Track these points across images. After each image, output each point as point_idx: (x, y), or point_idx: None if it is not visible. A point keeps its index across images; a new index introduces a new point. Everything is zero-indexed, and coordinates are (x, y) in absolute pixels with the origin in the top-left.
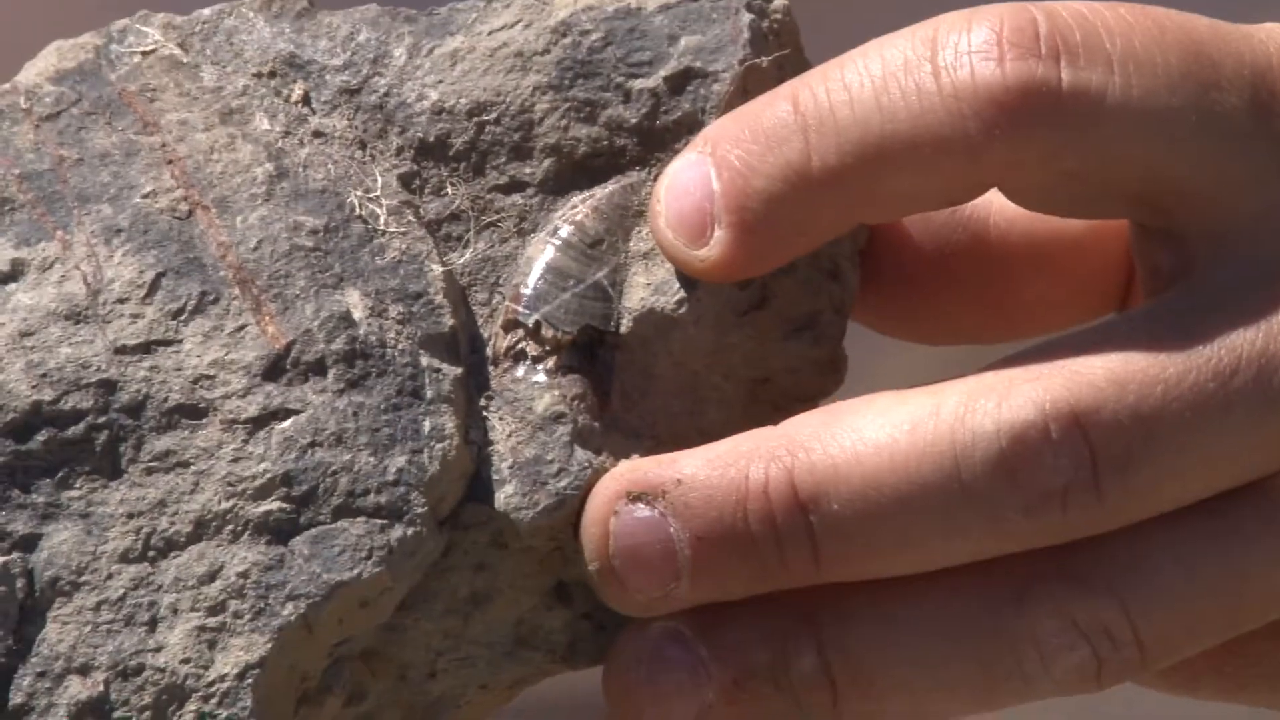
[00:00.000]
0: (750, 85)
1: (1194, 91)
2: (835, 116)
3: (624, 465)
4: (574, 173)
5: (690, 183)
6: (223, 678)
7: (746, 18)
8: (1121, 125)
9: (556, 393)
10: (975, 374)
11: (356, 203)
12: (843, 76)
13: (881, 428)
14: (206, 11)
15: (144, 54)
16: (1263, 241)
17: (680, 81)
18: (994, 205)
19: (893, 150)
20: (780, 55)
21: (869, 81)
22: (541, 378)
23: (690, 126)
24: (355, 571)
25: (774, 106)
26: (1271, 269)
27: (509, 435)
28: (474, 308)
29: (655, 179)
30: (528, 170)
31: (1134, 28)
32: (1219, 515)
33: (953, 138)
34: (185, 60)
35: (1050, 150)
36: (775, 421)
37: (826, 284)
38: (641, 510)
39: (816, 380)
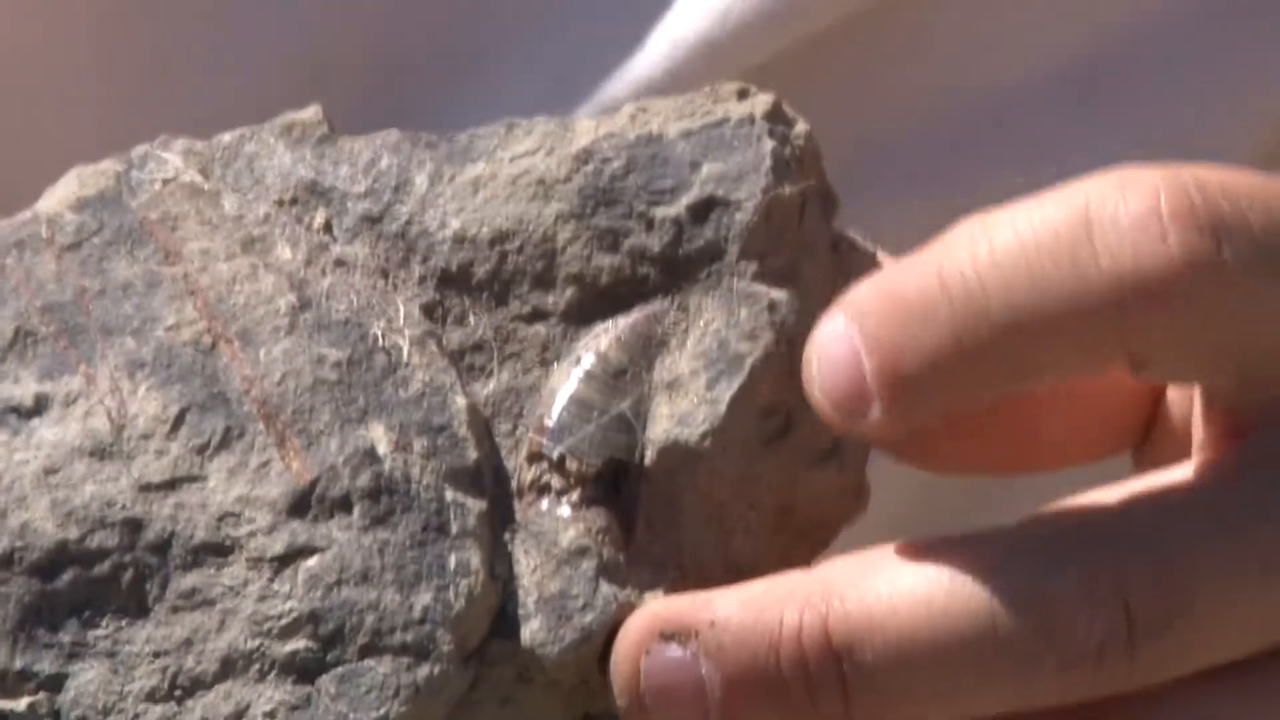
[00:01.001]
0: (773, 214)
1: None
2: (986, 294)
3: (657, 603)
4: (597, 301)
5: (841, 354)
6: None
7: (769, 145)
8: (1260, 294)
9: (581, 526)
10: (1015, 526)
11: (380, 334)
12: (991, 247)
13: (919, 578)
14: (227, 137)
15: (164, 181)
16: None
17: (703, 210)
18: None
19: (1044, 329)
20: (804, 185)
21: (1021, 254)
22: (566, 511)
23: (713, 255)
24: (382, 711)
25: (918, 276)
26: None
27: (534, 569)
28: (498, 439)
29: (679, 307)
30: (550, 299)
31: (1271, 198)
32: (1250, 676)
33: (1109, 317)
34: (206, 187)
35: (1204, 325)
36: (801, 549)
37: None
38: (674, 650)
39: (841, 507)
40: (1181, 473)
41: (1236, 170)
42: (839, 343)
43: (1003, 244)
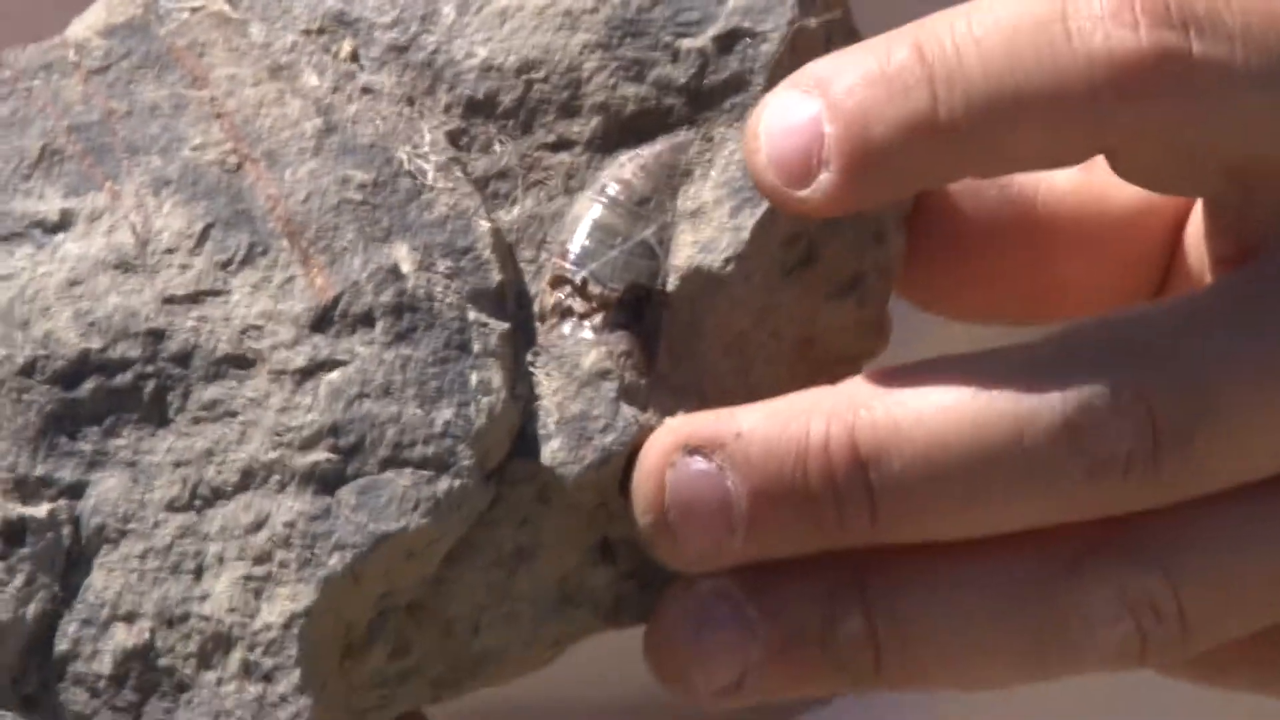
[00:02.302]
0: (799, 46)
1: None
2: (964, 69)
3: (679, 419)
4: (622, 131)
5: (796, 123)
6: (268, 627)
7: None
8: (1239, 99)
9: (603, 349)
10: (1040, 340)
11: (405, 158)
12: (969, 27)
13: (946, 389)
14: None
15: (193, 10)
16: None
17: (729, 41)
18: (1042, 183)
19: (1022, 109)
20: (829, 17)
21: (999, 34)
22: (588, 334)
23: (738, 86)
24: (402, 523)
25: (895, 52)
26: None
27: (555, 391)
28: (521, 264)
29: (704, 138)
30: (575, 128)
31: (1249, 7)
32: (1273, 496)
33: (1084, 101)
34: (234, 16)
35: (1176, 120)
36: (823, 381)
37: (872, 246)
38: (699, 463)
39: (861, 341)
40: (1201, 291)
41: None
42: (794, 108)
43: (982, 24)
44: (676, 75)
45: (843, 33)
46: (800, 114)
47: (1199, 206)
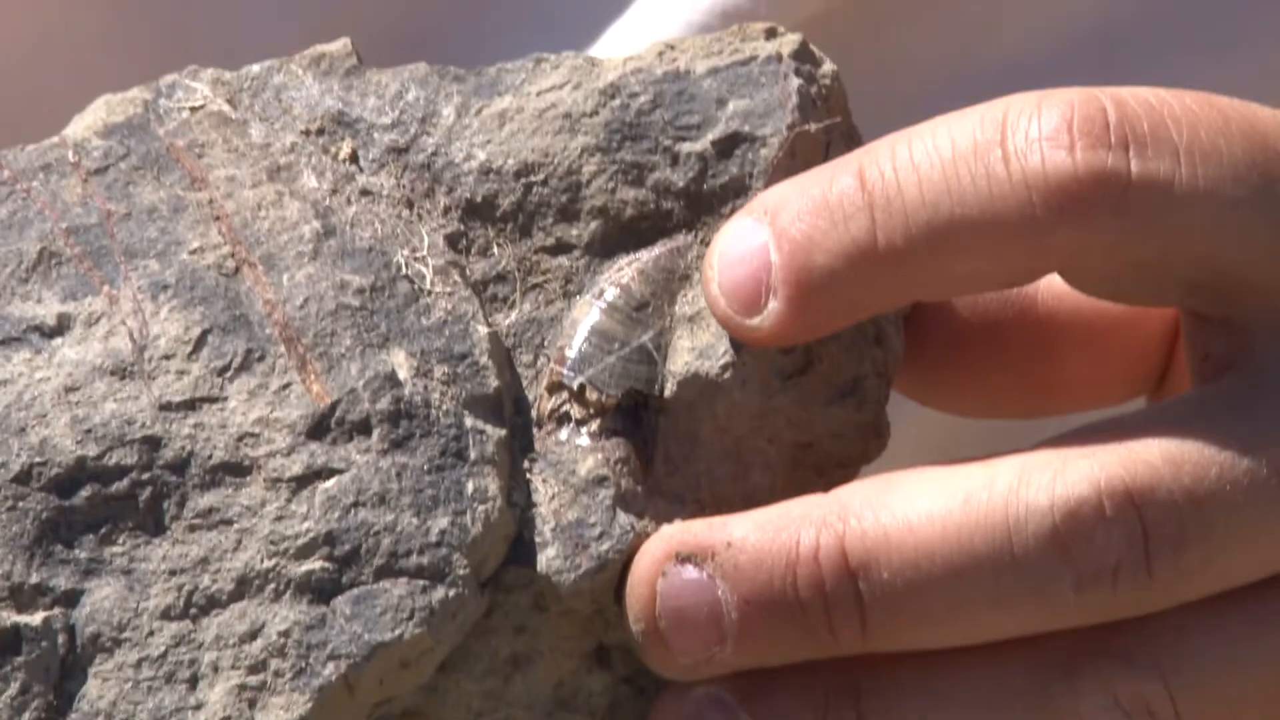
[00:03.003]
0: (798, 151)
1: (1258, 182)
2: (903, 196)
3: (673, 527)
4: (620, 235)
5: (746, 251)
6: None
7: (795, 82)
8: (1187, 215)
9: (599, 456)
10: (1029, 449)
11: (403, 262)
12: (910, 154)
13: (935, 498)
14: (256, 67)
15: (193, 109)
16: None
17: (728, 145)
18: (1042, 281)
19: (960, 233)
20: (829, 123)
21: (938, 162)
22: (585, 441)
23: (737, 191)
24: (397, 632)
25: (839, 180)
26: None
27: (552, 498)
28: (519, 369)
29: (703, 242)
30: (574, 232)
31: (1199, 117)
32: (1265, 600)
33: (1020, 224)
34: (234, 116)
35: (1117, 239)
36: (819, 486)
37: (871, 349)
38: (690, 572)
39: (860, 445)
40: (1189, 397)
41: (1179, 91)
42: (745, 236)
43: (922, 150)
44: (676, 179)
45: (843, 137)
46: (750, 242)
47: None
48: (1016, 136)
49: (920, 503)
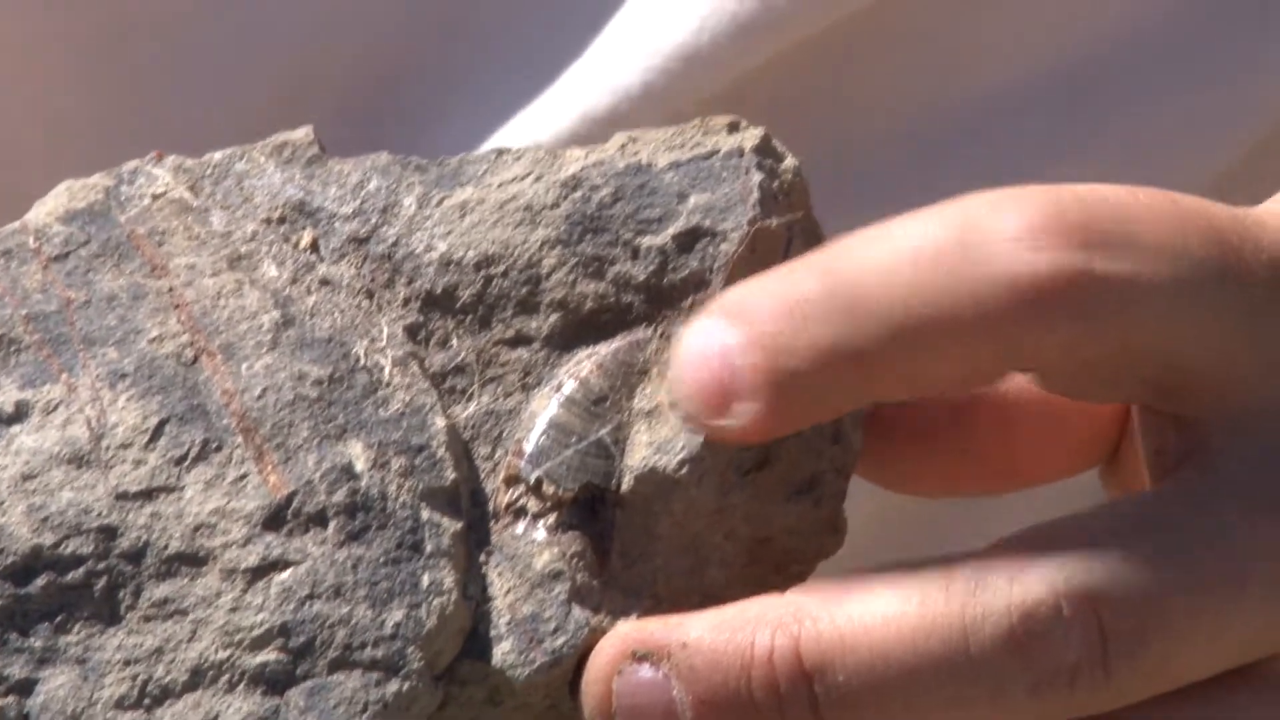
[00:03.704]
0: (759, 246)
1: (1215, 278)
2: (868, 297)
3: (629, 625)
4: (580, 328)
5: (711, 352)
6: None
7: (757, 177)
8: (1147, 312)
9: (556, 550)
10: (986, 550)
11: (362, 353)
12: (873, 254)
13: (891, 600)
14: (218, 155)
15: (154, 196)
16: (1277, 429)
17: (689, 240)
18: None
19: (925, 334)
20: (791, 218)
21: (901, 262)
22: (541, 534)
23: (697, 285)
24: None
25: (802, 281)
26: None
27: (507, 591)
28: (477, 461)
29: (662, 336)
30: (534, 325)
31: (1159, 215)
32: (1218, 697)
33: (985, 325)
34: (195, 204)
35: (1079, 338)
36: (776, 582)
37: (829, 446)
38: (646, 671)
39: (817, 542)
40: (1145, 495)
41: (1135, 189)
42: (709, 339)
43: (888, 251)
44: (636, 273)
45: (805, 233)
46: (714, 344)
47: None
48: (985, 236)
49: (876, 605)
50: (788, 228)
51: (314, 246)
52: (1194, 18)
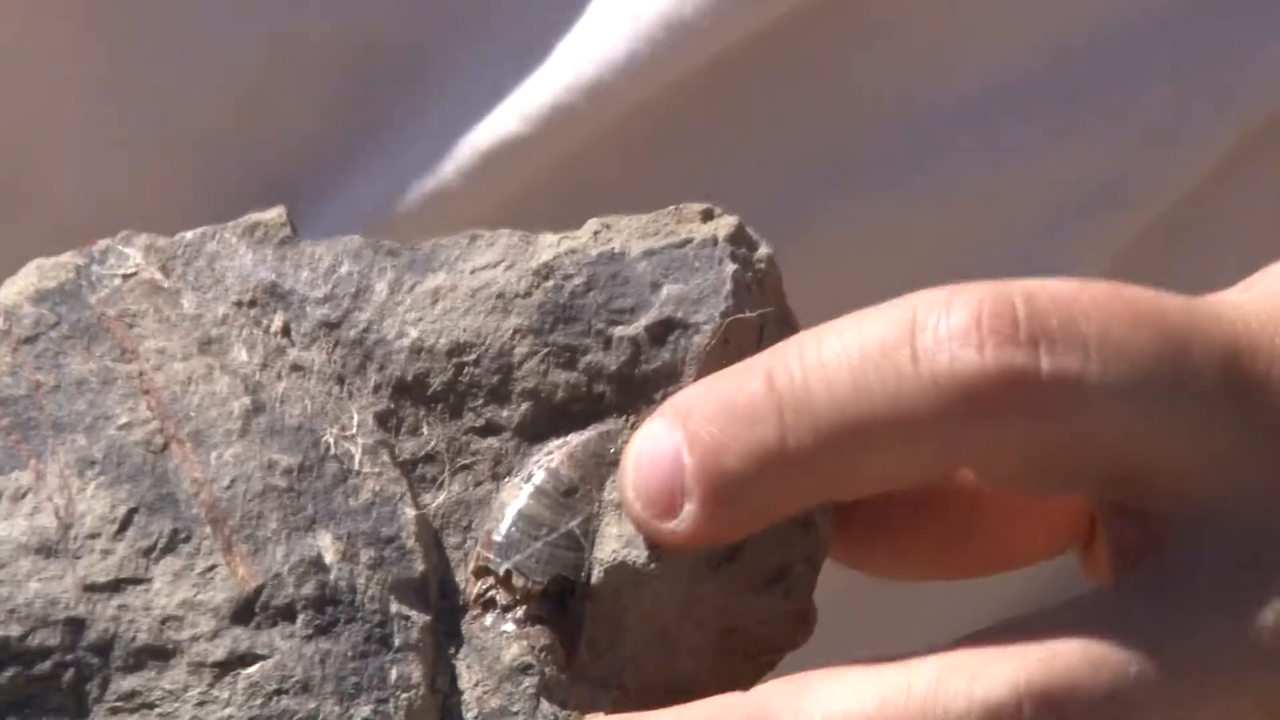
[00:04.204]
0: (732, 337)
1: (1167, 375)
2: (811, 397)
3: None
4: (551, 418)
5: (659, 455)
6: None
7: (730, 268)
8: (1098, 411)
9: (524, 643)
10: (947, 648)
11: (332, 441)
12: (819, 354)
13: (851, 700)
14: (190, 235)
15: (124, 277)
16: (1234, 523)
17: (661, 331)
18: None
19: (869, 434)
20: (764, 311)
21: (846, 362)
22: (510, 627)
23: (670, 377)
24: None
25: (748, 381)
26: (1242, 550)
27: (476, 684)
28: (447, 550)
29: (633, 427)
30: (505, 413)
31: (1109, 311)
32: None
33: (930, 424)
34: (166, 285)
35: (1028, 437)
36: (745, 670)
37: (799, 536)
38: None
39: (787, 632)
40: (1106, 590)
41: (1088, 283)
42: (657, 441)
43: (830, 351)
44: (608, 363)
45: (778, 322)
46: (662, 446)
47: None
48: (925, 335)
49: (837, 705)
50: (761, 319)
51: (285, 331)
52: (1180, 8)
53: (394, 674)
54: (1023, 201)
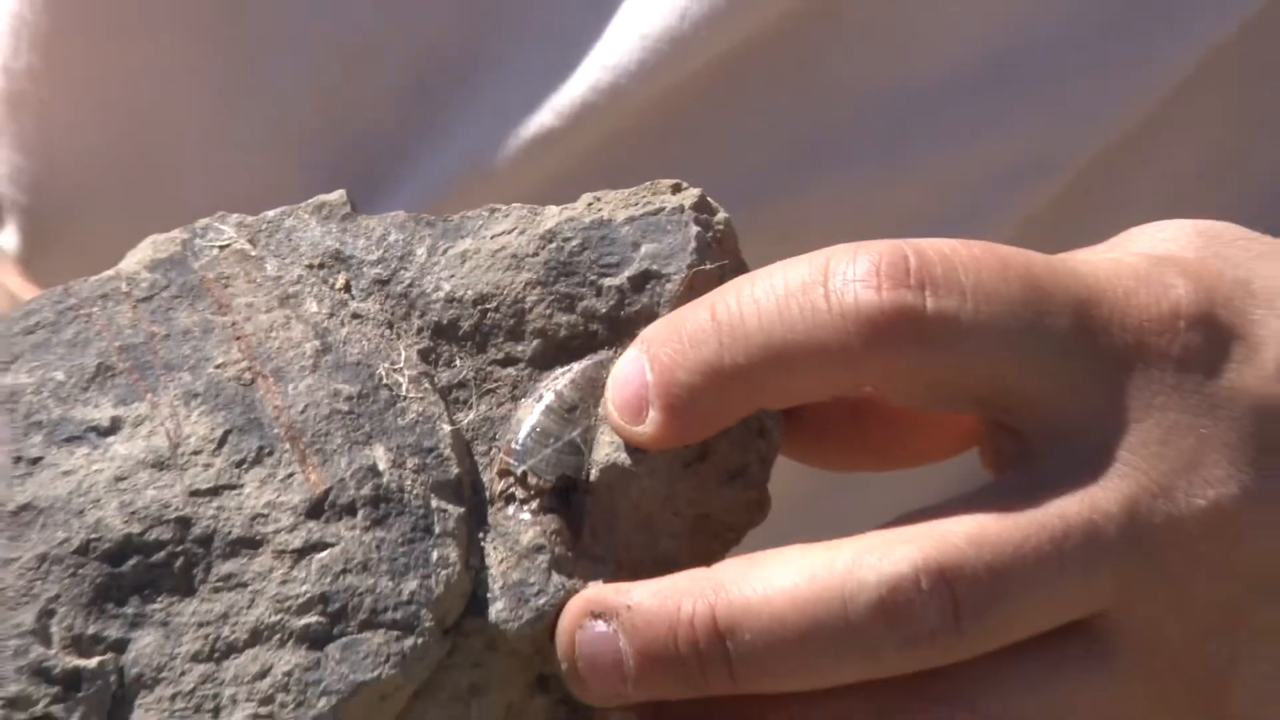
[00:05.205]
0: (696, 285)
1: (1031, 316)
2: (744, 325)
3: (590, 589)
4: (556, 351)
5: (630, 374)
6: None
7: (694, 229)
8: (972, 344)
9: (538, 529)
10: (864, 535)
11: (384, 373)
12: (752, 291)
13: (787, 575)
14: (271, 213)
15: (221, 248)
16: (1083, 436)
17: (641, 281)
18: None
19: (790, 355)
20: (722, 263)
21: (773, 297)
22: (527, 516)
23: (648, 317)
24: (376, 673)
25: (696, 314)
26: (1089, 457)
27: (500, 561)
28: (476, 457)
29: (620, 358)
30: (520, 348)
31: (984, 263)
32: (1054, 646)
33: (838, 349)
34: (253, 253)
35: (915, 363)
36: (715, 548)
37: (755, 441)
38: (600, 626)
39: (746, 516)
40: (986, 488)
41: (969, 242)
42: (629, 363)
43: (761, 289)
44: (599, 307)
45: (734, 272)
46: (633, 367)
47: None
48: (836, 278)
49: (776, 579)
50: (720, 270)
51: (347, 287)
52: (1096, 14)
53: (435, 555)
54: (966, 175)
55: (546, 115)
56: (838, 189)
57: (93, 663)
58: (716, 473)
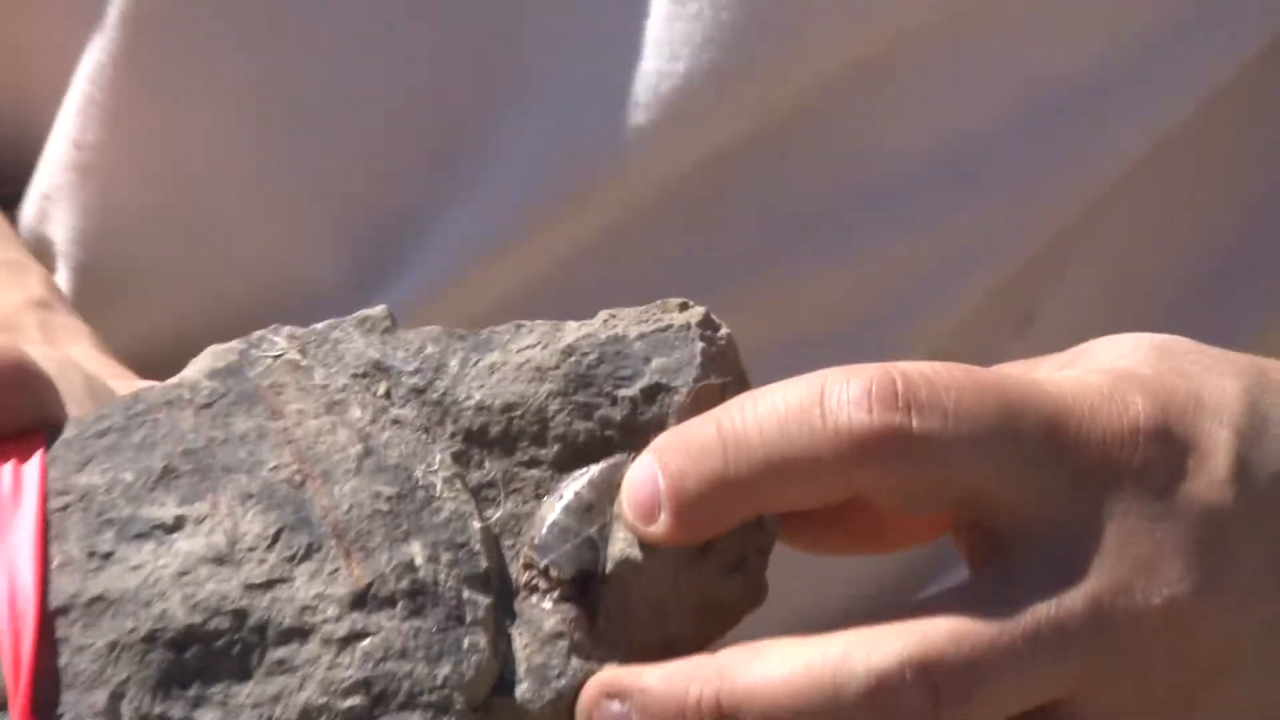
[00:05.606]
0: (700, 398)
1: (1007, 433)
2: (748, 440)
3: (606, 671)
4: (576, 454)
5: (644, 480)
6: None
7: (699, 345)
8: (952, 457)
9: (559, 617)
10: (853, 629)
11: (420, 475)
12: (755, 409)
13: (785, 664)
14: (320, 326)
15: (274, 357)
16: (1052, 539)
17: (652, 393)
18: None
19: (789, 468)
20: (724, 380)
21: (774, 416)
22: (548, 605)
23: (659, 425)
24: None
25: (705, 427)
26: (1058, 557)
27: (525, 646)
28: (504, 551)
29: (633, 460)
30: (543, 452)
31: (963, 385)
32: None
33: (833, 463)
34: (303, 363)
35: (903, 477)
36: (716, 631)
37: (754, 533)
38: (615, 706)
39: (745, 601)
40: (963, 585)
41: (950, 365)
42: (643, 471)
43: (763, 406)
44: (615, 415)
45: (735, 386)
46: (646, 473)
47: None
48: (831, 400)
49: (775, 667)
50: (723, 384)
51: (387, 395)
52: (1036, 109)
53: (466, 641)
54: (924, 259)
55: (552, 201)
56: (810, 268)
57: None
58: (719, 564)
